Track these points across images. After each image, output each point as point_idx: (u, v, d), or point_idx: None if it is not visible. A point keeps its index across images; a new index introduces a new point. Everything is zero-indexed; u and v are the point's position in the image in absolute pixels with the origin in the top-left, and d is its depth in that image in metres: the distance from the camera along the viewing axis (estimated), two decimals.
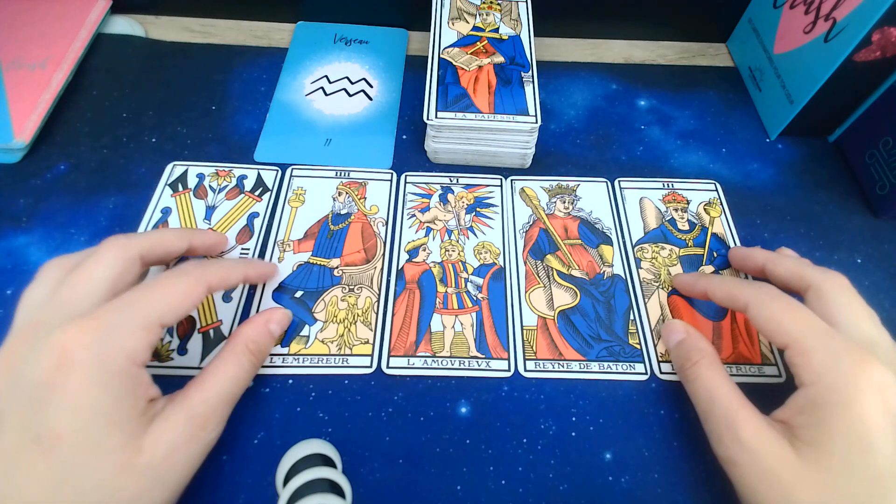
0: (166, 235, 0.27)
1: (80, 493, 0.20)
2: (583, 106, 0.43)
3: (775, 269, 0.30)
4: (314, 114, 0.41)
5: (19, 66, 0.40)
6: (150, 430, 0.22)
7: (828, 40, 0.36)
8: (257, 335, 0.28)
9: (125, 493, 0.21)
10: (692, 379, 0.28)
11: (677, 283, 0.33)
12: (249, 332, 0.28)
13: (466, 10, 0.42)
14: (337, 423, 0.29)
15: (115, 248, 0.25)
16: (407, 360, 0.31)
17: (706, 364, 0.27)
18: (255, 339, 0.28)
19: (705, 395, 0.26)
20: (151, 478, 0.22)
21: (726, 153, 0.41)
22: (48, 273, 0.25)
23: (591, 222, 0.37)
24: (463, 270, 0.34)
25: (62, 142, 0.38)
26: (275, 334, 0.29)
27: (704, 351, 0.28)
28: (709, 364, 0.27)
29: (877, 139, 0.37)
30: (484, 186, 0.38)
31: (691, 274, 0.34)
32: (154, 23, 0.47)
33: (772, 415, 0.25)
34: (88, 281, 0.24)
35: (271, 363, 0.30)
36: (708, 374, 0.27)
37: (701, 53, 0.48)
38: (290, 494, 0.24)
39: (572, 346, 0.31)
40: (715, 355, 0.28)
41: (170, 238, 0.27)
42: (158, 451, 0.22)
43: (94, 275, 0.24)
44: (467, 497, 0.27)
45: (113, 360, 0.21)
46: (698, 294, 0.32)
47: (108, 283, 0.24)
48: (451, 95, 0.37)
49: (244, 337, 0.27)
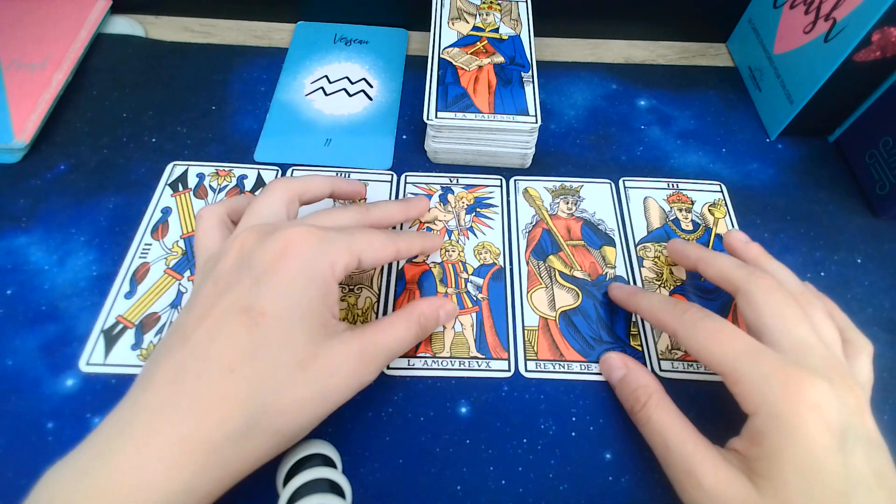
0: (315, 181, 0.31)
1: (264, 374, 0.22)
2: (583, 106, 0.43)
3: (706, 271, 0.29)
4: (314, 114, 0.41)
5: (19, 66, 0.40)
6: (328, 344, 0.24)
7: (828, 40, 0.36)
8: (430, 312, 0.29)
9: (293, 391, 0.23)
10: (643, 423, 0.27)
11: (612, 293, 0.33)
12: (425, 307, 0.29)
13: (466, 10, 0.42)
14: (337, 423, 0.29)
15: (280, 188, 0.28)
16: (407, 361, 0.31)
17: (654, 403, 0.27)
18: (427, 315, 0.29)
19: (660, 440, 0.26)
20: (316, 387, 0.23)
21: (726, 153, 0.41)
22: (212, 213, 0.29)
23: (594, 223, 0.37)
24: (463, 271, 0.34)
25: (62, 142, 0.38)
26: (440, 321, 0.30)
27: (650, 388, 0.28)
28: (657, 403, 0.27)
29: (877, 139, 0.37)
30: (484, 187, 0.38)
31: (627, 287, 0.32)
32: (154, 23, 0.47)
33: (729, 444, 0.25)
34: (268, 205, 0.28)
35: None
36: (658, 415, 0.26)
37: (701, 53, 0.48)
38: (290, 494, 0.24)
39: (573, 346, 0.31)
40: (661, 390, 0.28)
41: (318, 183, 0.31)
42: (328, 365, 0.24)
43: (272, 204, 0.28)
44: (467, 497, 0.27)
45: (320, 264, 0.24)
46: (631, 310, 0.32)
47: (283, 210, 0.28)
48: (451, 95, 0.37)
49: (419, 308, 0.28)
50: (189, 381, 0.22)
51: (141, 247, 0.34)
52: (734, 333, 0.25)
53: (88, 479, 0.20)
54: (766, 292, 0.26)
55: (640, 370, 0.29)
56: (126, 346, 0.30)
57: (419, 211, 0.34)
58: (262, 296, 0.23)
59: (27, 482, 0.21)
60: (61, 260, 0.33)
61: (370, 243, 0.27)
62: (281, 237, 0.24)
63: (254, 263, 0.24)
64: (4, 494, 0.26)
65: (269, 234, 0.25)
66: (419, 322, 0.28)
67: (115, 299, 0.32)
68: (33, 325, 0.31)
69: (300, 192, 0.29)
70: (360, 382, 0.25)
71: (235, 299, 0.23)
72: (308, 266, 0.24)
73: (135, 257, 0.34)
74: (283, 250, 0.24)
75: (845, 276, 0.35)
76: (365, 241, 0.26)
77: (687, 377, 0.31)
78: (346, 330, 0.25)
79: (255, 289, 0.23)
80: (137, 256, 0.34)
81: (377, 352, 0.26)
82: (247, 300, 0.23)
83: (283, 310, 0.23)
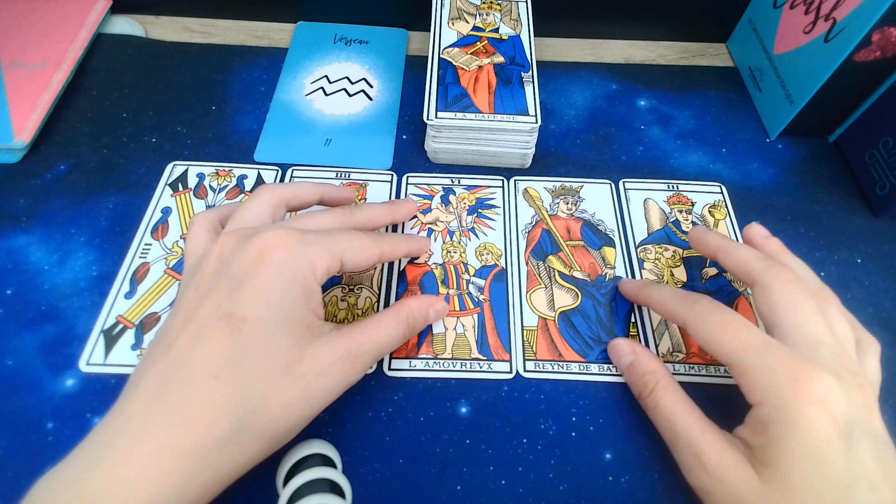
0: (304, 187, 0.30)
1: (249, 379, 0.22)
2: (583, 106, 0.43)
3: (726, 260, 0.29)
4: (314, 114, 0.41)
5: (19, 66, 0.40)
6: (313, 346, 0.24)
7: (828, 40, 0.36)
8: (419, 311, 0.29)
9: (279, 394, 0.23)
10: (651, 407, 0.27)
11: (622, 287, 0.33)
12: (413, 305, 0.29)
13: (466, 10, 0.42)
14: (337, 423, 0.29)
15: (267, 194, 0.28)
16: (408, 362, 0.31)
17: (662, 389, 0.27)
18: (416, 315, 0.29)
19: (667, 424, 0.26)
20: (302, 389, 0.23)
21: (726, 153, 0.41)
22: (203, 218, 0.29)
23: (593, 224, 0.37)
24: (465, 272, 0.34)
25: (62, 142, 0.38)
26: (429, 320, 0.30)
27: (658, 373, 0.28)
28: (664, 388, 0.27)
29: (877, 139, 0.37)
30: (486, 188, 0.38)
31: (637, 281, 0.33)
32: (154, 23, 0.47)
33: (735, 431, 0.25)
34: (253, 210, 0.27)
35: None
36: (665, 400, 0.27)
37: (701, 53, 0.48)
38: (290, 494, 0.24)
39: (572, 347, 0.31)
40: (668, 375, 0.28)
41: (306, 189, 0.30)
42: (314, 367, 0.24)
43: (257, 208, 0.27)
44: (467, 497, 0.27)
45: (299, 267, 0.24)
46: (641, 303, 0.32)
47: (268, 215, 0.28)
48: (451, 95, 0.37)
49: (408, 307, 0.28)
50: (174, 388, 0.22)
51: (141, 247, 0.34)
52: (744, 325, 0.25)
53: (78, 488, 0.20)
54: (783, 285, 0.26)
55: (648, 356, 0.29)
56: (126, 346, 0.30)
57: (405, 213, 0.33)
58: (242, 301, 0.23)
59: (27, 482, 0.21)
60: (61, 260, 0.33)
61: (352, 245, 0.26)
62: (259, 241, 0.24)
63: (233, 269, 0.24)
64: (4, 494, 0.26)
65: (247, 238, 0.25)
66: (407, 321, 0.28)
67: (115, 299, 0.32)
68: (33, 325, 0.31)
69: (287, 198, 0.29)
70: (346, 382, 0.25)
71: (216, 305, 0.23)
72: (287, 269, 0.24)
73: (135, 257, 0.34)
74: (261, 254, 0.24)
75: (845, 276, 0.35)
76: (347, 243, 0.26)
77: (687, 379, 0.31)
78: (332, 330, 0.25)
79: (235, 294, 0.23)
80: (137, 256, 0.34)
81: (363, 352, 0.26)
82: (228, 306, 0.23)
83: (265, 314, 0.23)
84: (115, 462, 0.21)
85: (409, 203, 0.34)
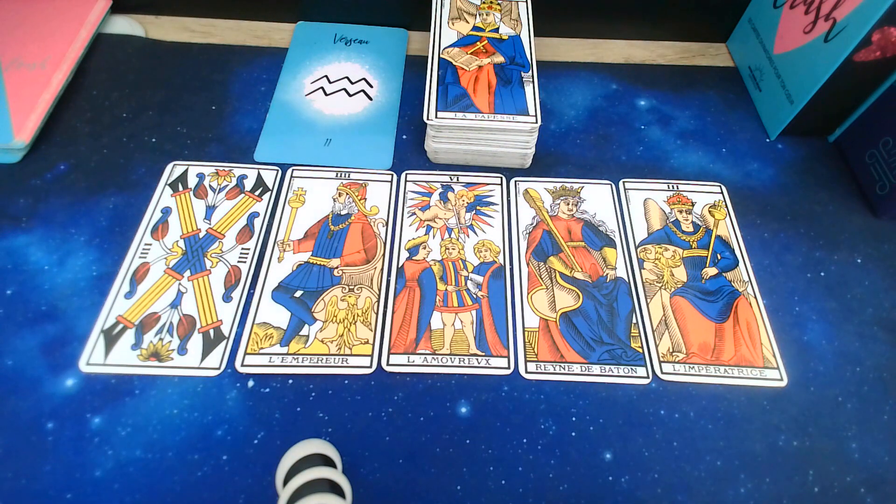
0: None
1: None
2: (583, 106, 0.43)
3: None
4: (314, 114, 0.41)
5: (19, 66, 0.40)
6: None
7: (828, 40, 0.36)
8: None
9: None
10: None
11: None
12: None
13: (466, 10, 0.42)
14: (337, 423, 0.29)
15: None
16: (407, 358, 0.31)
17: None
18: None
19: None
20: None
21: (726, 153, 0.41)
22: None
23: (594, 224, 0.37)
24: (463, 268, 0.34)
25: (62, 142, 0.38)
26: None
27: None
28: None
29: (877, 139, 0.37)
30: (484, 185, 0.38)
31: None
32: (154, 23, 0.47)
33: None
34: None
35: (270, 363, 0.30)
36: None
37: (701, 53, 0.48)
38: (290, 494, 0.24)
39: (574, 348, 0.31)
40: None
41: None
42: None
43: None
44: (467, 497, 0.27)
45: None
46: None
47: None
48: (451, 95, 0.37)
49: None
50: None
51: (141, 247, 0.34)
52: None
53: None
54: None
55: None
56: (126, 346, 0.30)
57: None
58: None
59: (27, 482, 0.21)
60: (61, 260, 0.33)
61: None
62: None
63: None
64: (4, 494, 0.26)
65: None
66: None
67: (115, 299, 0.32)
68: (33, 325, 0.31)
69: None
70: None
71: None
72: None
73: (135, 257, 0.34)
74: None
75: (845, 276, 0.35)
76: None
77: (687, 379, 0.31)
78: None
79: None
80: (137, 256, 0.34)
81: None
82: None
83: None
84: None
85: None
